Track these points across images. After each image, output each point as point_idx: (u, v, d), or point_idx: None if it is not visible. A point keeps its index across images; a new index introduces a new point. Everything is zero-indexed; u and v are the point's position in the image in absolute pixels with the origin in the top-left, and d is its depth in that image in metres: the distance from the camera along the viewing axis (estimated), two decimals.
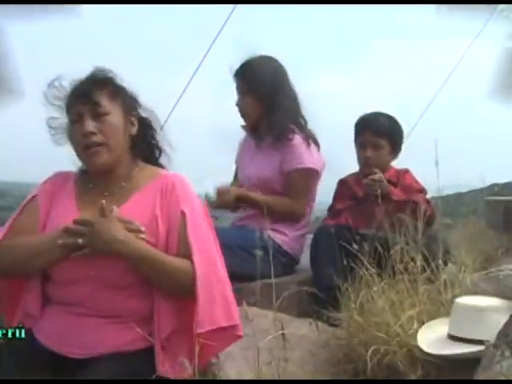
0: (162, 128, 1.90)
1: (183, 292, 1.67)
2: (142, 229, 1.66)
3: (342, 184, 2.90)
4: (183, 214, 1.70)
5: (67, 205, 1.76)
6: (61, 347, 1.65)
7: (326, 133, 2.92)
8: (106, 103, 1.72)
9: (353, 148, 2.90)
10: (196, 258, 1.66)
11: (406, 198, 2.64)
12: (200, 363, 1.59)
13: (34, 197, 1.79)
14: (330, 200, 2.98)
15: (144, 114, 1.84)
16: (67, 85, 1.77)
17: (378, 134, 2.76)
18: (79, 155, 1.76)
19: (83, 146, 1.71)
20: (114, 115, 1.74)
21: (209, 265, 1.69)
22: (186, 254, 1.67)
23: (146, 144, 1.85)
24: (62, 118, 1.78)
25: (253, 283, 2.39)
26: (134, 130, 1.80)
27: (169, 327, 1.66)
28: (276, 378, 1.66)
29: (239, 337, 1.74)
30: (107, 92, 1.74)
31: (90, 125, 1.70)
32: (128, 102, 1.79)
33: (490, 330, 1.58)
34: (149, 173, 1.80)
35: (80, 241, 1.61)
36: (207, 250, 1.71)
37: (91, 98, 1.70)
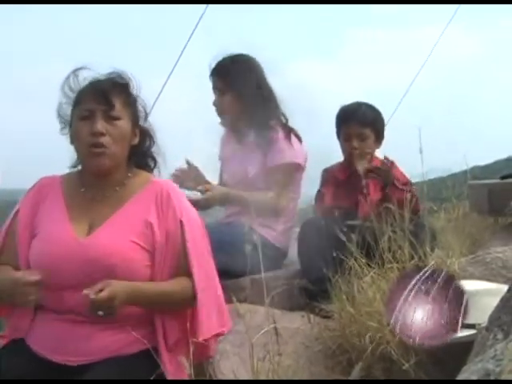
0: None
1: (184, 308, 1.72)
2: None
3: (327, 172, 2.90)
4: (182, 224, 1.70)
5: (56, 210, 1.74)
6: (55, 356, 1.63)
7: (307, 124, 2.91)
8: (119, 108, 1.72)
9: (334, 138, 2.90)
10: (195, 271, 1.68)
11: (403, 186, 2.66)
12: (196, 360, 1.62)
13: (16, 213, 1.77)
14: (314, 193, 2.98)
15: (145, 124, 1.84)
16: (81, 79, 1.76)
17: (362, 124, 2.76)
18: (81, 152, 1.74)
19: (90, 144, 1.69)
20: (125, 122, 1.74)
21: (207, 279, 1.73)
22: (186, 267, 1.69)
23: (142, 154, 1.85)
24: (68, 109, 1.77)
25: (241, 279, 2.38)
26: (136, 140, 1.80)
27: (174, 335, 1.69)
28: (271, 372, 1.66)
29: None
30: (123, 98, 1.74)
31: (102, 125, 1.68)
32: (138, 112, 1.80)
33: (481, 314, 1.59)
34: (141, 179, 1.80)
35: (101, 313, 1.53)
36: (206, 263, 1.74)
37: (108, 99, 1.69)
